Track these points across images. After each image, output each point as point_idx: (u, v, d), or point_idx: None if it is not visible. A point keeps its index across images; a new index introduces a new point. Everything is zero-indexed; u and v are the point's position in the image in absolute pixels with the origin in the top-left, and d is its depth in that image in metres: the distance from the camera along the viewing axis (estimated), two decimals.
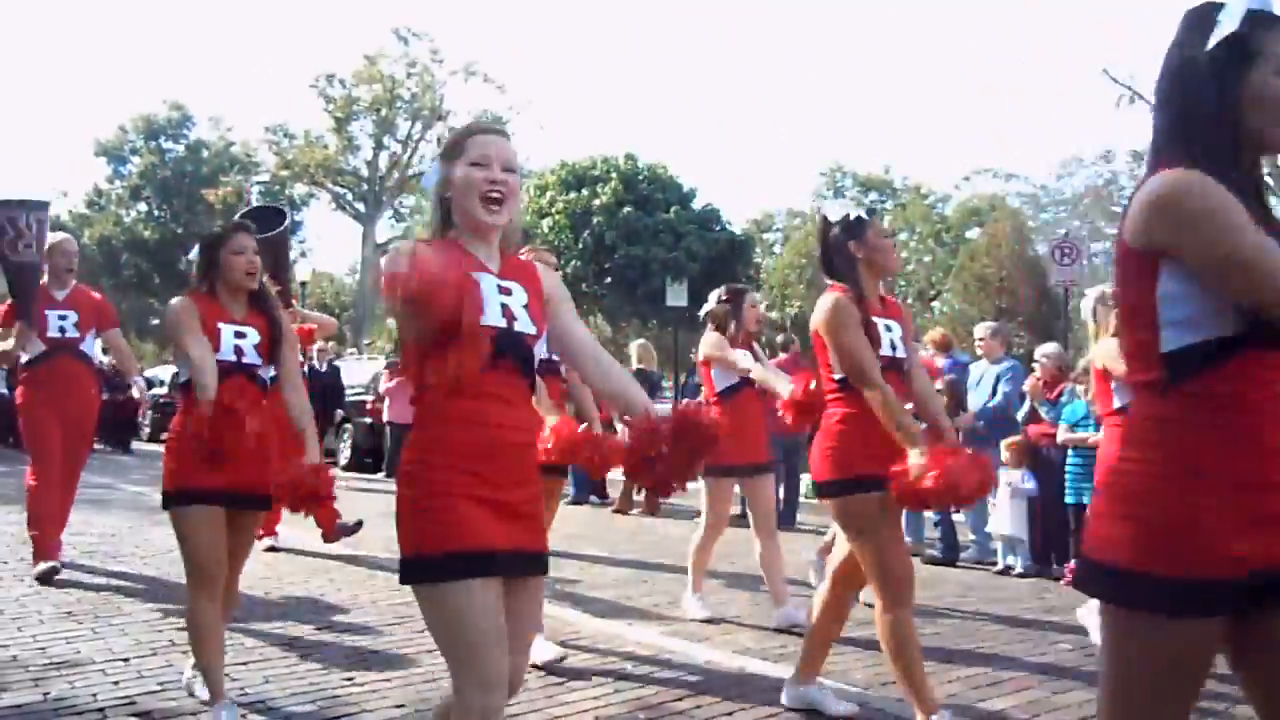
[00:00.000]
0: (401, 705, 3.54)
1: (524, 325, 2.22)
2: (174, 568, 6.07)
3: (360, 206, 39.25)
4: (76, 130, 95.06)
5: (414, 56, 38.11)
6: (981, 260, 28.83)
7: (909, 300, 44.47)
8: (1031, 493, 7.09)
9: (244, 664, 4.02)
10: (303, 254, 42.01)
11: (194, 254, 3.51)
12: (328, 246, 72.27)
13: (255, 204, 42.79)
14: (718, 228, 21.45)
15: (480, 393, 2.14)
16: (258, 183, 42.02)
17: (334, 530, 4.06)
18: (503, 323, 2.18)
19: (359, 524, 6.30)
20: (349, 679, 3.85)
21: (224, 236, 3.40)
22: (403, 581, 2.17)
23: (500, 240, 2.31)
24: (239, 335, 3.34)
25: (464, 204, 2.21)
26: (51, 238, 5.98)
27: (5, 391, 14.66)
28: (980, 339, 8.15)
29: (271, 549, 6.57)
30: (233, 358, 3.29)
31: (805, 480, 11.54)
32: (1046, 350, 7.69)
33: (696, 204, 21.96)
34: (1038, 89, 69.50)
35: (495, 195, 2.20)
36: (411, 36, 37.94)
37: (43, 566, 5.56)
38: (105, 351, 6.83)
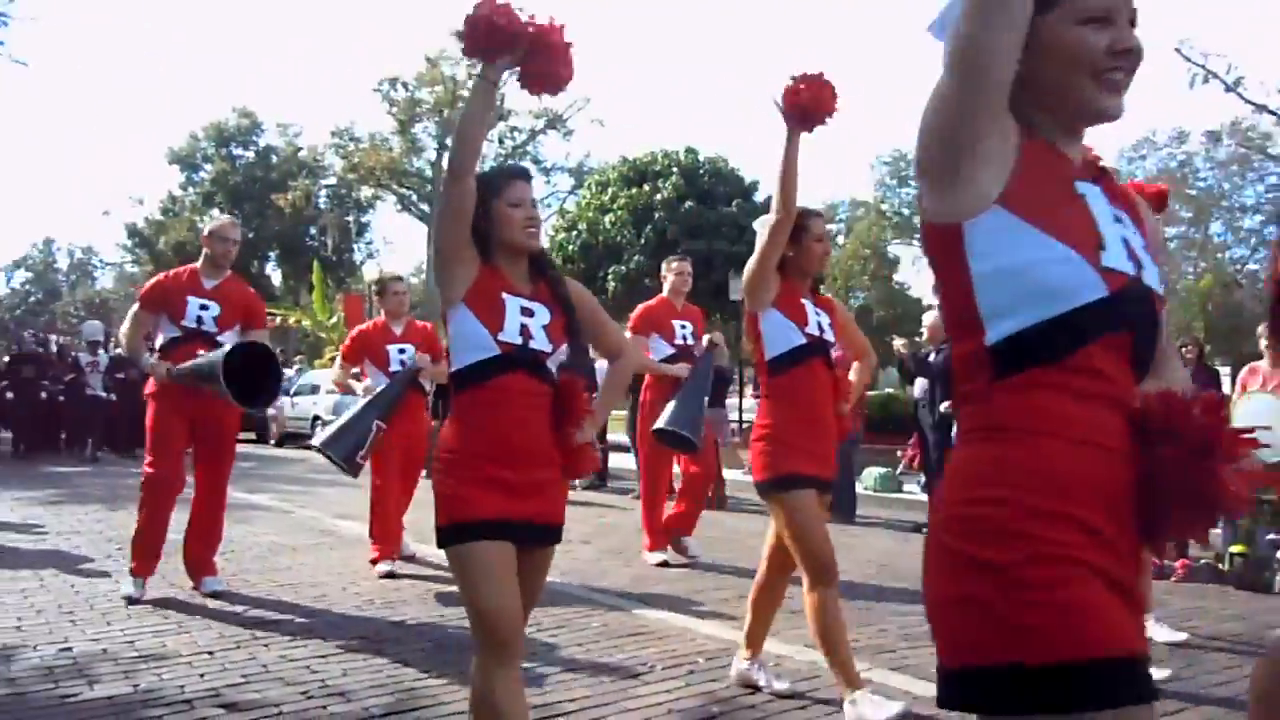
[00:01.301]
0: None
1: (1151, 277, 1.43)
2: (255, 564, 6.23)
3: (425, 207, 39.72)
4: (151, 139, 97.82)
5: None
6: None
7: None
8: None
9: (323, 657, 4.11)
10: (370, 255, 42.80)
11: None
12: (394, 248, 73.27)
13: (324, 207, 43.71)
14: None
15: (1072, 388, 1.34)
16: (325, 186, 42.84)
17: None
18: (1129, 267, 1.39)
19: None
20: (426, 671, 3.92)
21: (496, 183, 2.62)
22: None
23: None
24: (526, 312, 2.59)
25: (1068, 78, 1.40)
26: (213, 221, 5.55)
27: (102, 394, 14.93)
28: None
29: (390, 575, 5.96)
30: (517, 339, 2.54)
31: (873, 473, 11.46)
32: None
33: (759, 196, 21.82)
34: None
35: (1118, 70, 1.40)
36: None
37: (132, 589, 5.11)
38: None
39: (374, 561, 6.08)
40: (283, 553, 6.73)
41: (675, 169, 20.86)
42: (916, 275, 46.54)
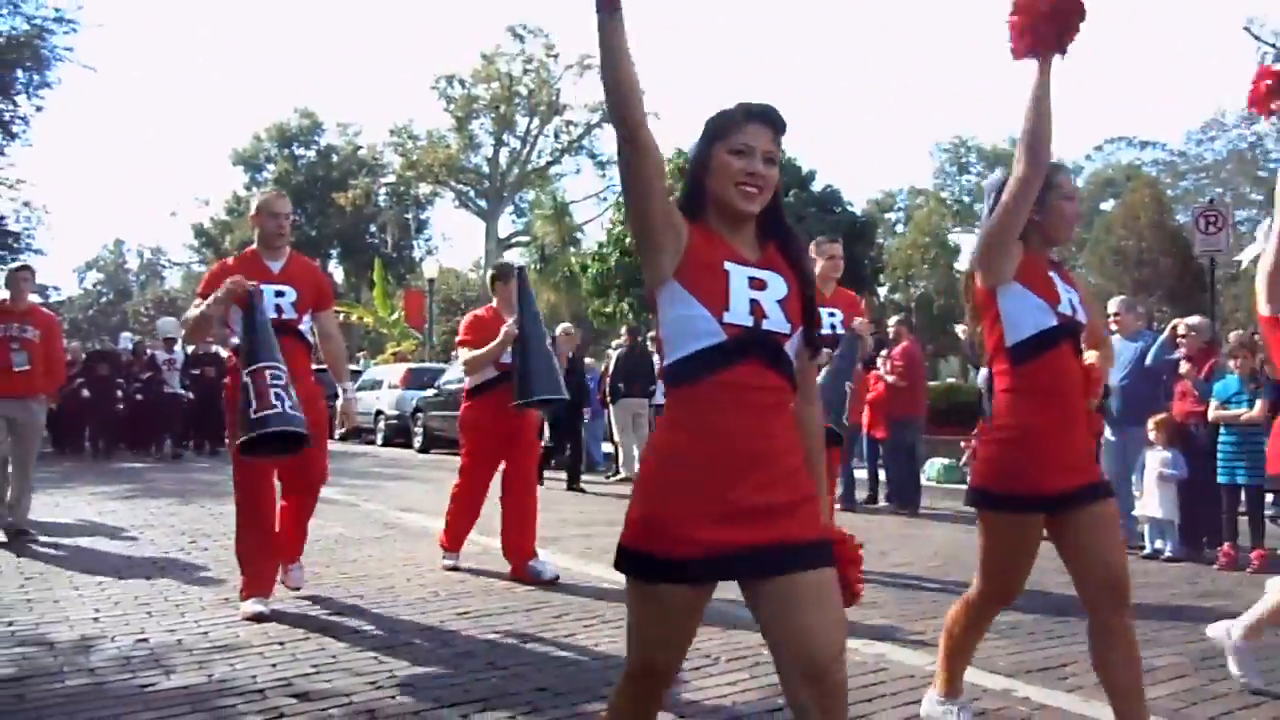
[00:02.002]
0: (543, 689, 3.61)
1: None
2: (322, 556, 6.32)
3: (482, 203, 40.12)
4: (216, 141, 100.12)
5: (530, 53, 38.72)
6: (1118, 232, 27.72)
7: None
8: (1180, 475, 6.78)
9: (391, 648, 4.17)
10: (429, 251, 43.30)
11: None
12: (452, 244, 74.04)
13: (383, 204, 44.15)
14: (838, 209, 21.11)
15: None
16: (384, 184, 43.37)
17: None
18: None
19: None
20: (491, 663, 3.95)
21: (723, 123, 2.10)
22: None
23: None
24: (756, 284, 2.06)
25: None
26: (259, 195, 5.03)
27: (181, 391, 14.88)
28: (1114, 314, 7.82)
29: (454, 568, 6.01)
30: (747, 320, 2.02)
31: (936, 464, 11.31)
32: (1190, 323, 7.33)
33: (816, 186, 21.67)
34: (1173, 49, 66.14)
35: None
36: (527, 33, 38.56)
37: (251, 607, 4.63)
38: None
39: (444, 546, 6.11)
40: (349, 545, 6.84)
41: None
42: None
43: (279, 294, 4.72)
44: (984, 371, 8.54)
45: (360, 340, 36.29)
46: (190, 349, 15.66)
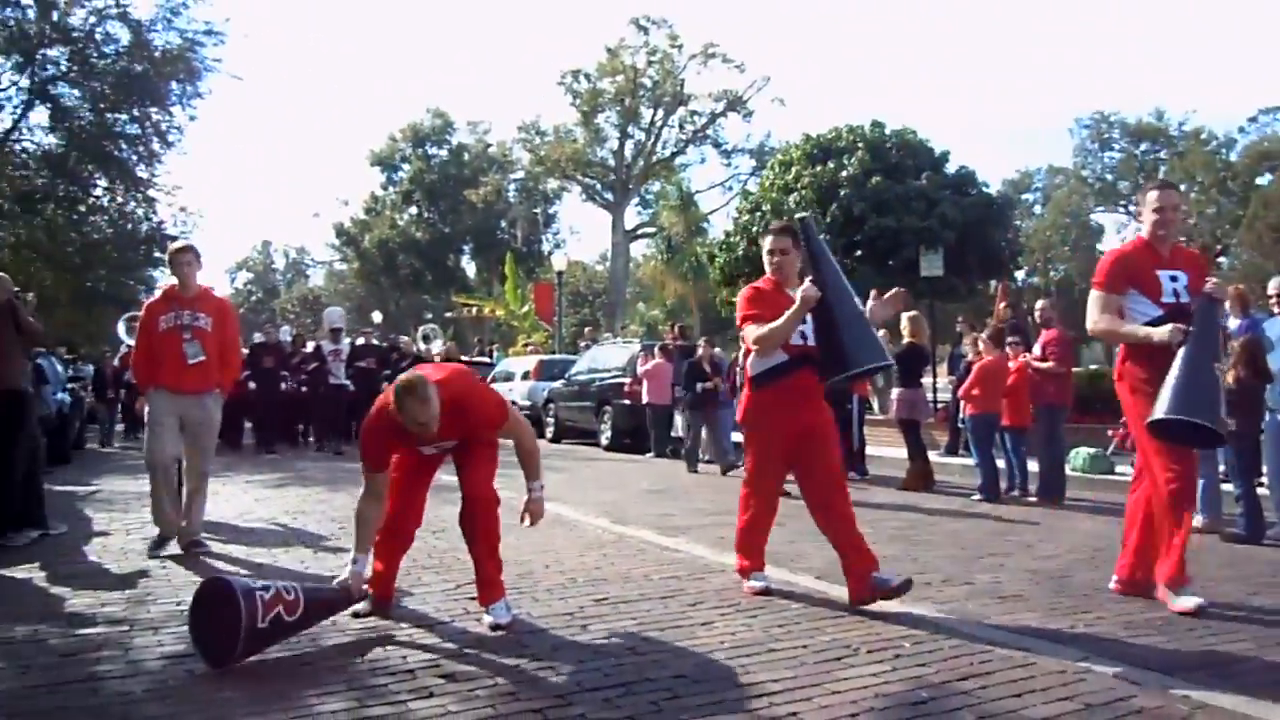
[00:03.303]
0: (682, 676, 3.63)
1: None
2: (461, 544, 6.49)
3: (609, 196, 40.44)
4: (355, 143, 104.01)
5: (654, 44, 38.86)
6: (1277, 209, 26.25)
7: None
8: None
9: (532, 633, 4.26)
10: (557, 245, 44.02)
11: None
12: (580, 237, 75.07)
13: (513, 200, 44.97)
14: (973, 191, 20.45)
15: None
16: (514, 180, 44.23)
17: None
18: None
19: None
20: (629, 649, 3.99)
21: None
22: None
23: None
24: None
25: None
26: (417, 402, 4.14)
27: (346, 382, 14.59)
28: (1274, 294, 7.37)
29: (766, 590, 5.01)
30: None
31: (1082, 453, 10.89)
32: None
33: (949, 167, 21.06)
34: None
35: None
36: (650, 25, 38.72)
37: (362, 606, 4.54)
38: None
39: (742, 573, 5.19)
40: None
41: (861, 144, 20.37)
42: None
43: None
44: None
45: (492, 334, 37.13)
46: (352, 340, 15.73)
